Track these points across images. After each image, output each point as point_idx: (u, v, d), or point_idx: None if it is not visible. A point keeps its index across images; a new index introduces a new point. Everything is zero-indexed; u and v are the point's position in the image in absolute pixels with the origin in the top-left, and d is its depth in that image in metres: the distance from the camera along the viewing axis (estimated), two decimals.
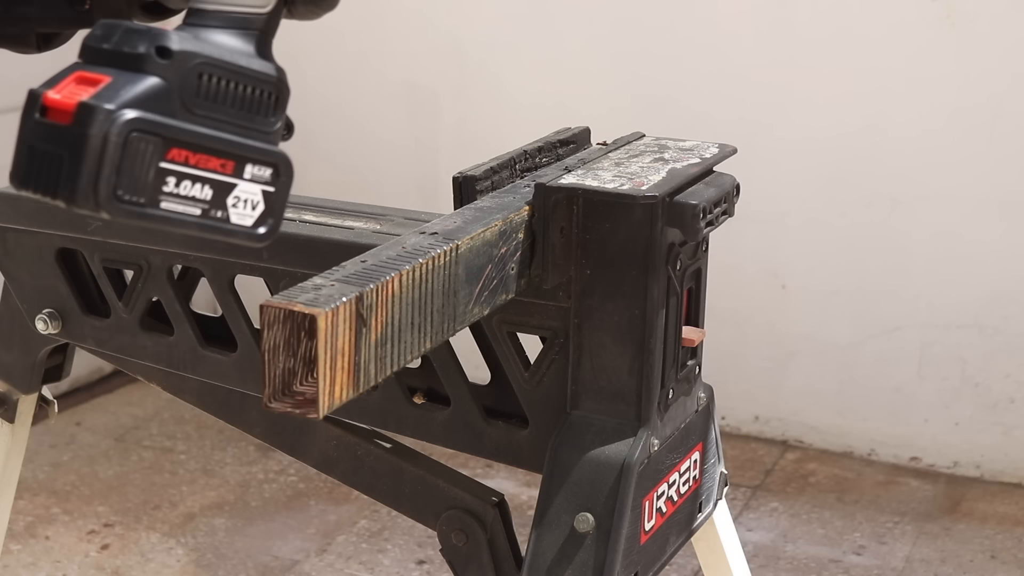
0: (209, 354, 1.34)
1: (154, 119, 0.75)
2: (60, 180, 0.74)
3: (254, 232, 0.80)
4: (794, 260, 3.01)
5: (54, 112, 0.75)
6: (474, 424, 1.25)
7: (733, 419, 3.14)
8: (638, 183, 1.14)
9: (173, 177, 0.76)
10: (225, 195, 0.78)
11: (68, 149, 0.74)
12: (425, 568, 2.56)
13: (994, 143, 2.78)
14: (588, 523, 1.14)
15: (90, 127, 0.73)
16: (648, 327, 1.15)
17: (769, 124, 2.94)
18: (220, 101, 0.78)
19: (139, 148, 0.74)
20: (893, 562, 2.58)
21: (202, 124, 0.77)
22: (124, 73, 0.76)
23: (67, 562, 2.56)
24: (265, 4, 0.83)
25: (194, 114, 0.77)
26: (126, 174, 0.74)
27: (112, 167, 0.74)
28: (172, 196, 0.76)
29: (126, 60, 0.76)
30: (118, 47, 0.77)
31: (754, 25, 2.92)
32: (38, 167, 0.75)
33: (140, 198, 0.75)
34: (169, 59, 0.76)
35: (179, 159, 0.76)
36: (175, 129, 0.76)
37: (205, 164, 0.77)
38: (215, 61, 0.78)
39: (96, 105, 0.74)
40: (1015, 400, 2.88)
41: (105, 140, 0.73)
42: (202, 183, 0.77)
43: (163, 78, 0.76)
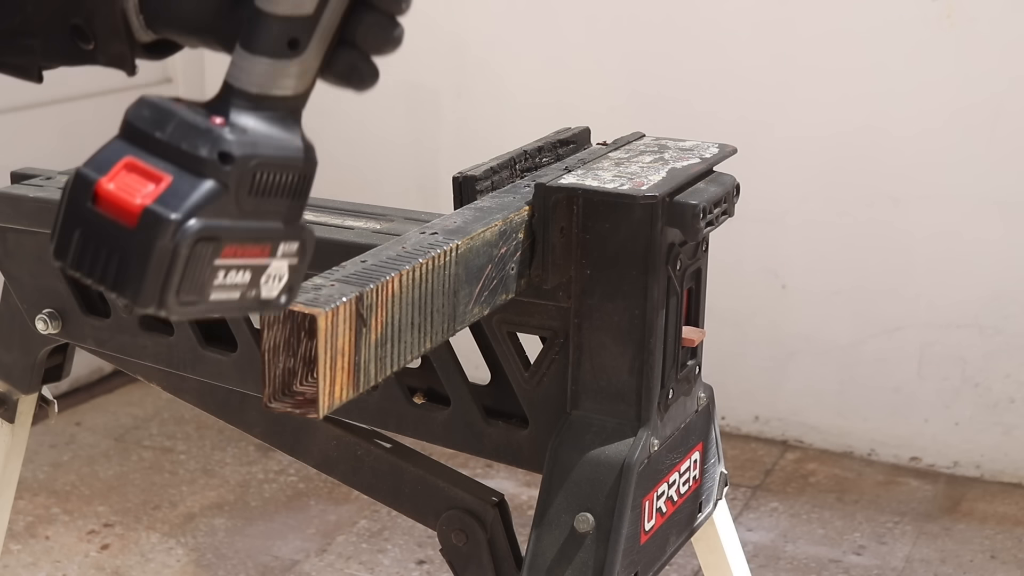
0: (209, 354, 1.34)
1: (216, 225, 0.76)
2: (125, 280, 0.74)
3: (278, 302, 0.81)
4: (794, 260, 3.01)
5: (112, 207, 0.75)
6: (474, 424, 1.25)
7: (733, 419, 3.14)
8: (638, 183, 1.14)
9: (223, 271, 0.77)
10: (260, 275, 0.80)
11: (134, 252, 0.74)
12: (425, 568, 2.56)
13: (994, 143, 2.78)
14: (588, 523, 1.14)
15: (159, 237, 0.74)
16: (648, 327, 1.15)
17: (769, 124, 2.94)
18: (267, 194, 0.79)
19: (201, 254, 0.75)
20: (893, 562, 2.58)
21: (251, 218, 0.78)
22: (183, 174, 0.76)
23: (67, 562, 2.56)
24: (303, 88, 0.82)
25: (245, 210, 0.78)
26: (188, 280, 0.75)
27: (179, 276, 0.75)
28: (220, 287, 0.78)
29: (184, 159, 0.76)
30: (175, 142, 0.76)
31: (754, 25, 2.92)
32: (94, 257, 0.75)
33: (196, 297, 0.76)
34: (231, 165, 0.76)
35: (230, 255, 0.77)
36: (232, 230, 0.77)
37: (249, 253, 0.79)
38: (268, 160, 0.79)
39: (163, 214, 0.74)
40: (1015, 400, 2.88)
41: (174, 253, 0.74)
42: (244, 270, 0.79)
43: (223, 183, 0.76)
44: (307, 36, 0.80)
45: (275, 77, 0.80)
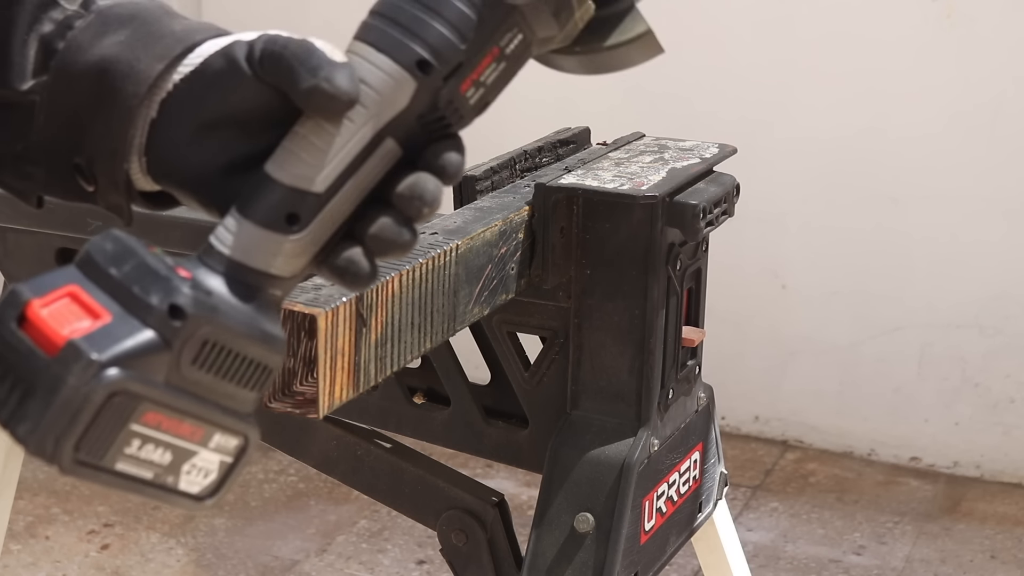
0: None
1: (140, 384, 0.67)
2: (22, 415, 0.66)
3: (195, 500, 0.72)
4: (794, 260, 3.01)
5: (37, 332, 0.66)
6: (474, 424, 1.25)
7: (733, 419, 3.13)
8: (638, 183, 1.14)
9: (139, 440, 0.68)
10: (183, 462, 0.70)
11: (41, 386, 0.65)
12: (425, 568, 2.56)
13: (994, 144, 2.78)
14: (588, 523, 1.14)
15: (72, 375, 0.65)
16: (648, 327, 1.15)
17: (770, 124, 2.94)
18: (216, 372, 0.70)
19: (115, 410, 0.66)
20: (893, 562, 2.58)
21: (187, 391, 0.69)
22: (126, 316, 0.67)
23: (67, 562, 2.56)
24: (291, 271, 0.73)
25: (184, 379, 0.69)
26: (92, 434, 0.66)
27: (81, 427, 0.66)
28: (131, 458, 0.68)
29: (132, 302, 0.67)
30: (128, 283, 0.68)
31: (754, 25, 2.92)
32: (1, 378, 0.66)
33: (98, 459, 0.67)
34: (181, 321, 0.68)
35: (152, 423, 0.68)
36: (158, 395, 0.68)
37: (176, 430, 0.69)
38: (225, 332, 0.69)
39: (85, 351, 0.65)
40: (1015, 400, 2.88)
41: (85, 397, 0.65)
42: (165, 447, 0.69)
43: (165, 339, 0.67)
44: (310, 216, 0.72)
45: (262, 249, 0.72)
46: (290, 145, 0.73)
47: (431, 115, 0.73)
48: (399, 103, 0.72)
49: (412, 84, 0.72)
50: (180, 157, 0.77)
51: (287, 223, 0.72)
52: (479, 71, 0.74)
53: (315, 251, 0.73)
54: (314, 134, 0.72)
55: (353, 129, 0.72)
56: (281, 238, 0.72)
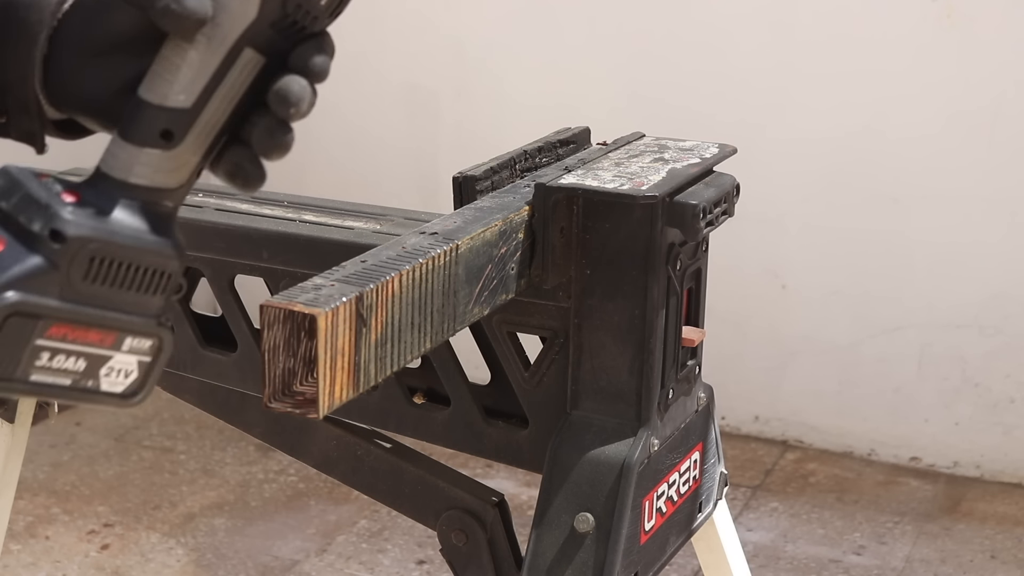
0: (209, 354, 1.34)
1: (36, 302, 0.72)
2: None
3: (122, 398, 0.78)
4: (794, 260, 3.01)
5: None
6: (474, 424, 1.25)
7: (733, 419, 3.13)
8: (638, 183, 1.14)
9: (48, 352, 0.73)
10: (99, 366, 0.76)
11: None
12: (425, 568, 2.56)
13: (994, 144, 2.78)
14: (588, 523, 1.14)
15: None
16: (648, 327, 1.15)
17: (770, 124, 2.94)
18: (109, 282, 0.75)
19: (15, 329, 0.72)
20: (893, 562, 2.58)
21: (90, 304, 0.74)
22: (14, 245, 0.73)
23: (67, 562, 2.56)
24: (176, 182, 0.78)
25: (80, 293, 0.74)
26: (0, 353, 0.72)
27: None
28: (43, 369, 0.74)
29: (18, 231, 0.73)
30: (14, 213, 0.74)
31: (754, 27, 2.92)
32: None
33: (11, 374, 0.72)
34: (62, 244, 0.73)
35: (57, 335, 0.74)
36: (56, 310, 0.73)
37: (83, 338, 0.75)
38: (110, 247, 0.75)
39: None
40: (1015, 400, 2.88)
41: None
42: (76, 356, 0.75)
43: (51, 261, 0.73)
44: (183, 130, 0.77)
45: (141, 166, 0.77)
46: (156, 67, 0.78)
47: (284, 22, 0.78)
48: (248, 14, 0.77)
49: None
50: (75, 83, 0.82)
51: (162, 139, 0.77)
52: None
53: (198, 160, 0.79)
54: (174, 53, 0.77)
55: (208, 45, 0.77)
56: (159, 153, 0.77)
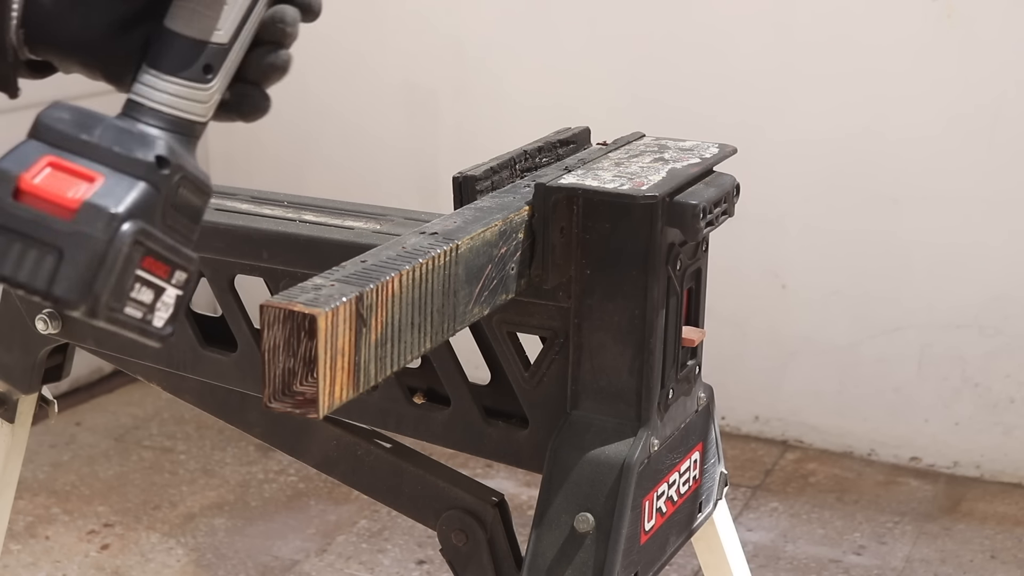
0: (209, 354, 1.34)
1: (150, 230, 0.74)
2: (56, 277, 0.71)
3: (162, 333, 0.79)
4: (794, 260, 3.01)
5: (41, 202, 0.71)
6: (474, 424, 1.25)
7: (733, 419, 3.14)
8: (638, 183, 1.14)
9: (139, 284, 0.75)
10: (157, 299, 0.78)
11: (70, 247, 0.71)
12: (425, 568, 2.56)
13: (994, 144, 2.78)
14: (588, 523, 1.14)
15: (98, 231, 0.71)
16: (648, 327, 1.15)
17: (770, 125, 2.94)
18: (181, 212, 0.78)
19: (133, 258, 0.74)
20: (893, 562, 2.58)
21: (169, 234, 0.77)
22: (116, 174, 0.74)
23: (67, 562, 2.56)
24: (207, 115, 0.82)
25: (166, 224, 0.76)
26: (120, 282, 0.73)
27: (115, 276, 0.72)
28: (133, 301, 0.75)
29: (119, 161, 0.74)
30: (107, 144, 0.75)
31: (754, 28, 2.92)
32: (20, 257, 0.71)
33: (119, 304, 0.74)
34: (167, 169, 0.75)
35: (149, 267, 0.76)
36: (157, 240, 0.75)
37: (156, 270, 0.77)
38: (191, 175, 0.78)
39: (105, 209, 0.72)
40: (1015, 400, 2.88)
41: (117, 250, 0.72)
42: (149, 287, 0.76)
43: (156, 187, 0.75)
44: (219, 65, 0.81)
45: (185, 100, 0.80)
46: (191, 3, 0.81)
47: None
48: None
49: None
50: (62, 21, 0.82)
51: (204, 73, 0.80)
52: None
53: (220, 97, 0.82)
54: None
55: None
56: (202, 87, 0.80)
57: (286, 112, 3.39)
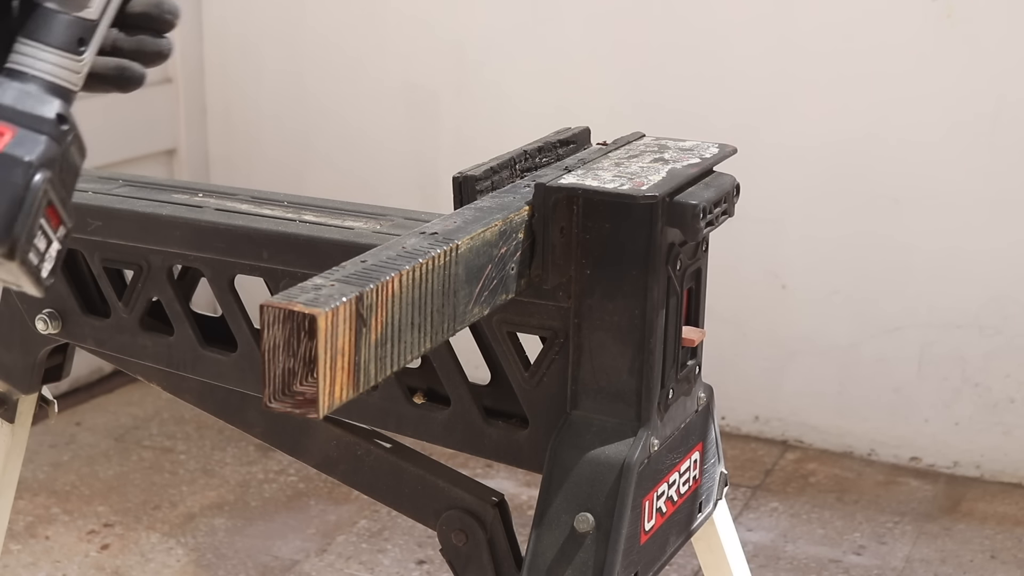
0: (209, 354, 1.34)
1: (55, 181, 0.82)
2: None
3: (47, 283, 0.86)
4: (794, 260, 3.01)
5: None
6: (474, 424, 1.25)
7: (733, 419, 3.14)
8: (638, 183, 1.14)
9: (40, 231, 0.83)
10: (47, 249, 0.85)
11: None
12: (425, 568, 2.56)
13: (995, 145, 2.78)
14: (588, 523, 1.14)
15: (17, 177, 0.80)
16: (648, 327, 1.15)
17: (770, 126, 2.94)
18: (69, 170, 0.86)
19: (42, 204, 0.82)
20: (893, 562, 2.58)
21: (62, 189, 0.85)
22: (22, 129, 0.82)
23: (67, 562, 2.56)
24: (79, 83, 0.90)
25: (60, 178, 0.84)
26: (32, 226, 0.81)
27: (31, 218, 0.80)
28: (34, 248, 0.83)
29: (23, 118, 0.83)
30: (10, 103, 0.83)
31: (754, 29, 2.92)
32: None
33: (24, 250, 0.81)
34: (66, 126, 0.84)
35: (49, 217, 0.83)
36: (57, 192, 0.83)
37: (54, 223, 0.84)
38: (79, 135, 0.86)
39: (19, 158, 0.80)
40: (1015, 400, 2.88)
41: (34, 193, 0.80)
42: (44, 238, 0.84)
43: (57, 142, 0.83)
44: (90, 37, 0.89)
45: (66, 70, 0.87)
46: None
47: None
48: None
49: None
50: None
51: (78, 45, 0.88)
52: None
53: (88, 69, 0.90)
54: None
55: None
56: (76, 58, 0.88)
57: (286, 113, 3.39)
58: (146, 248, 1.33)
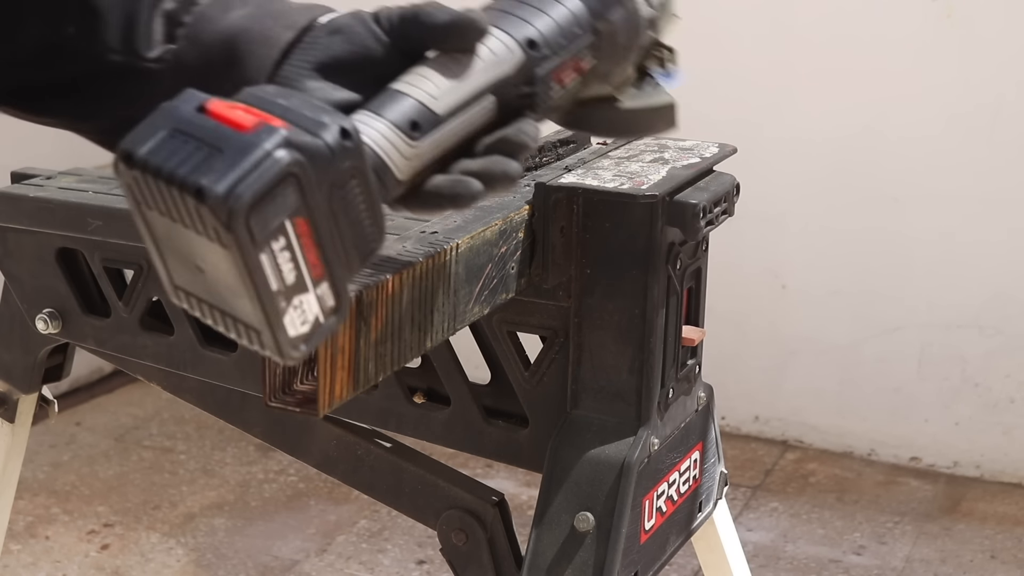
0: (209, 353, 1.34)
1: (310, 177, 0.72)
2: (208, 167, 0.70)
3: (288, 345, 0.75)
4: (794, 260, 3.01)
5: (224, 118, 0.72)
6: (474, 424, 1.25)
7: (733, 419, 3.14)
8: (638, 182, 1.14)
9: (284, 240, 0.72)
10: (296, 293, 0.74)
11: (231, 148, 0.70)
12: (425, 568, 2.56)
13: (994, 144, 2.78)
14: (588, 522, 1.14)
15: (264, 142, 0.71)
16: (648, 326, 1.15)
17: (770, 124, 2.94)
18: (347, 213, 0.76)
19: (283, 196, 0.72)
20: (893, 562, 2.58)
21: (331, 216, 0.75)
22: (298, 129, 0.73)
23: (67, 562, 2.56)
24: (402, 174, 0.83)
25: (330, 203, 0.74)
26: (262, 206, 0.70)
27: (260, 188, 0.70)
28: (271, 254, 0.72)
29: (306, 120, 0.74)
30: (298, 108, 0.75)
31: (753, 26, 2.92)
32: (176, 150, 0.71)
33: (255, 235, 0.71)
34: (347, 140, 0.75)
35: (299, 231, 0.73)
36: (315, 203, 0.73)
37: (307, 253, 0.74)
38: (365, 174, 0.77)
39: (279, 130, 0.71)
40: (1015, 400, 2.88)
41: (272, 162, 0.70)
42: (293, 266, 0.74)
43: (330, 150, 0.74)
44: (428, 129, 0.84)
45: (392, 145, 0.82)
46: (418, 71, 0.86)
47: (525, 88, 0.89)
48: (507, 67, 0.88)
49: (520, 55, 0.89)
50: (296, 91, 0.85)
51: (411, 128, 0.83)
52: (566, 71, 0.91)
53: (420, 166, 0.84)
54: (441, 66, 0.86)
55: (471, 75, 0.86)
56: (406, 139, 0.83)
57: None
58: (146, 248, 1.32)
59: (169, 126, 0.72)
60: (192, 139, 0.71)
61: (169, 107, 0.73)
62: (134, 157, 0.71)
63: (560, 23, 0.91)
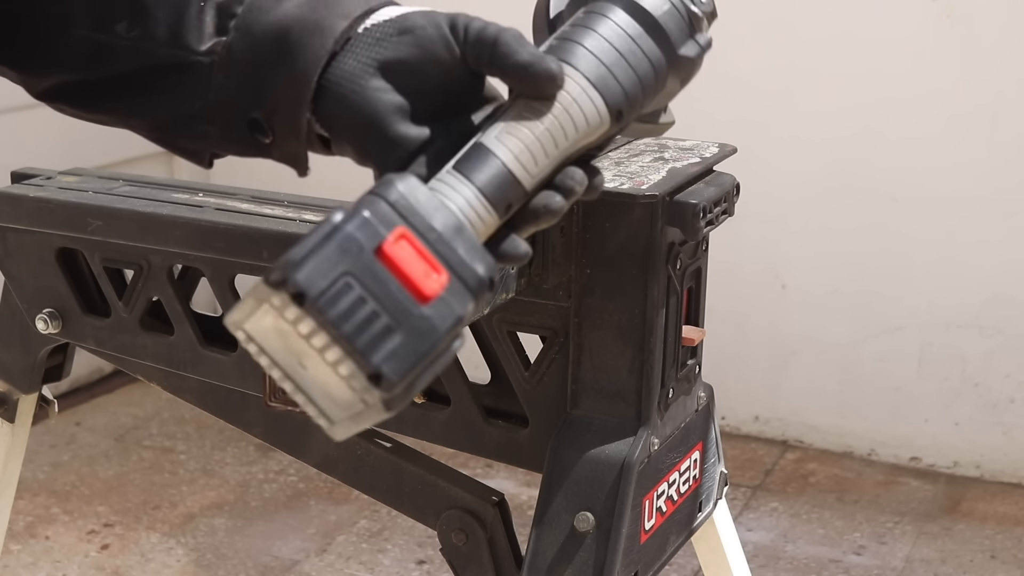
0: (209, 354, 1.34)
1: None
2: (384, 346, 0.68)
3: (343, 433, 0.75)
4: (794, 260, 3.01)
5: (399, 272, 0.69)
6: (474, 424, 1.25)
7: (733, 419, 3.14)
8: (638, 182, 1.14)
9: None
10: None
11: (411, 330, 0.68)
12: (425, 568, 2.56)
13: (994, 144, 2.78)
14: (588, 522, 1.14)
15: (445, 332, 0.69)
16: (648, 326, 1.15)
17: (769, 124, 2.94)
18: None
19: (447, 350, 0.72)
20: (893, 562, 2.58)
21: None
22: (455, 282, 0.71)
23: (67, 562, 2.56)
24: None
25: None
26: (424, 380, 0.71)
27: (431, 377, 0.70)
28: None
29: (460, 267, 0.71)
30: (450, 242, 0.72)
31: (753, 26, 2.92)
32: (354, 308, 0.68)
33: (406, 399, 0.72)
34: (490, 295, 0.74)
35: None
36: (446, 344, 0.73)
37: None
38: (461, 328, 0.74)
39: (456, 313, 0.70)
40: (1015, 400, 2.88)
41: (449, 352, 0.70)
42: None
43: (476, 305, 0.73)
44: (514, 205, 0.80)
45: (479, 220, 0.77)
46: (507, 125, 0.80)
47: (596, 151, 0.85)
48: (593, 137, 0.83)
49: (608, 125, 0.83)
50: (357, 88, 0.84)
51: (504, 209, 0.79)
52: None
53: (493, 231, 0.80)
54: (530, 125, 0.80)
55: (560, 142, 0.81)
56: (492, 213, 0.78)
57: None
58: (146, 248, 1.32)
59: (343, 267, 0.68)
60: (371, 297, 0.68)
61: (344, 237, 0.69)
62: (306, 299, 0.68)
63: (644, 84, 0.85)
